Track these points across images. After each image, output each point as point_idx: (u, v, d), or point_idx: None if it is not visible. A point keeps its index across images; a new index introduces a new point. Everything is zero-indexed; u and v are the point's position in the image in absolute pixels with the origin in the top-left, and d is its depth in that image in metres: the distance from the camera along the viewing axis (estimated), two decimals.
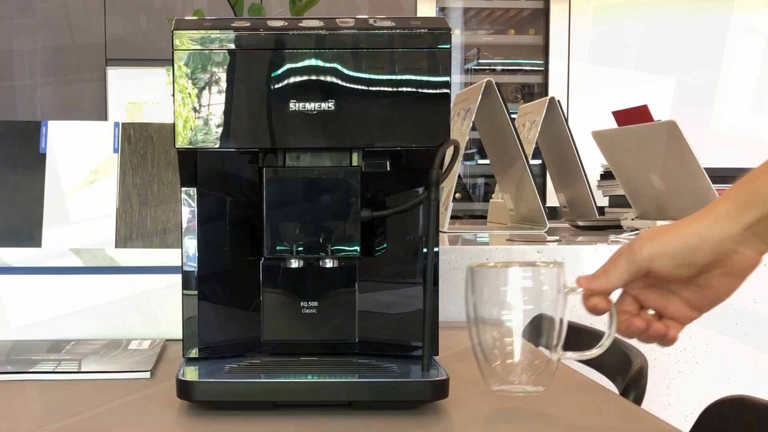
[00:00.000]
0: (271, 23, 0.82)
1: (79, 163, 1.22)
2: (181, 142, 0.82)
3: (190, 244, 0.89)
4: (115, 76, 3.56)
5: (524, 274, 0.79)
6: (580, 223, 2.21)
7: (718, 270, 0.74)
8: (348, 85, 0.81)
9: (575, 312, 0.81)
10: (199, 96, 0.81)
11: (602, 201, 2.61)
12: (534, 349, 0.79)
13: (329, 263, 0.86)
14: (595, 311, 0.77)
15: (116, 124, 1.24)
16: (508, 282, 0.79)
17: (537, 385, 0.80)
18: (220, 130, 0.82)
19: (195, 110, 0.81)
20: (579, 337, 0.84)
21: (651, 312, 0.78)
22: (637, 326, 0.76)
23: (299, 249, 0.84)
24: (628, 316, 0.77)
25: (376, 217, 0.85)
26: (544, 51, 3.95)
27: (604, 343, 0.79)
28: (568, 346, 1.18)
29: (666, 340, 0.77)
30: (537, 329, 0.79)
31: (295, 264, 0.86)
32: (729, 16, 3.90)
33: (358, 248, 0.84)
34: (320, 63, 0.81)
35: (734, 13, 3.90)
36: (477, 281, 0.80)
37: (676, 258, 0.73)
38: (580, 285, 0.77)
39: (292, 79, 0.81)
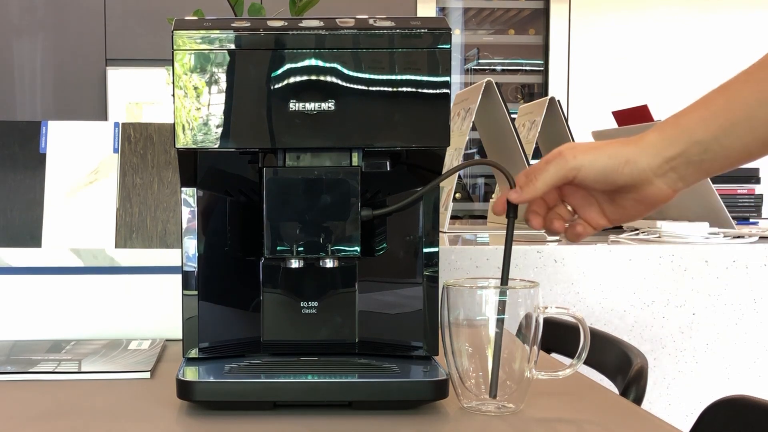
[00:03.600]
0: (271, 23, 0.82)
1: (79, 163, 1.22)
2: (181, 142, 0.82)
3: (190, 244, 0.89)
4: (115, 76, 3.56)
5: (499, 294, 0.79)
6: None
7: (632, 194, 0.80)
8: (348, 85, 0.81)
9: (574, 310, 0.82)
10: (198, 96, 0.81)
11: None
12: (508, 368, 0.79)
13: (329, 263, 0.86)
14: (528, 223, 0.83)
15: (116, 124, 1.24)
16: (482, 301, 0.80)
17: (510, 403, 0.80)
18: (220, 130, 0.82)
19: (195, 110, 0.81)
20: (571, 335, 0.84)
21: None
22: (556, 228, 0.82)
23: (299, 249, 0.84)
24: (550, 213, 0.83)
25: (376, 216, 0.85)
26: (544, 51, 3.95)
27: (575, 364, 0.82)
28: (558, 344, 1.19)
29: (575, 236, 0.83)
30: (511, 348, 0.80)
31: (295, 264, 0.86)
32: (729, 15, 3.90)
33: (358, 248, 0.84)
34: (320, 63, 0.81)
35: (735, 13, 3.90)
36: (452, 299, 0.80)
37: (600, 173, 0.79)
38: (511, 200, 0.81)
39: (292, 79, 0.81)
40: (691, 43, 3.90)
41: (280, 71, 0.81)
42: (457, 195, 3.93)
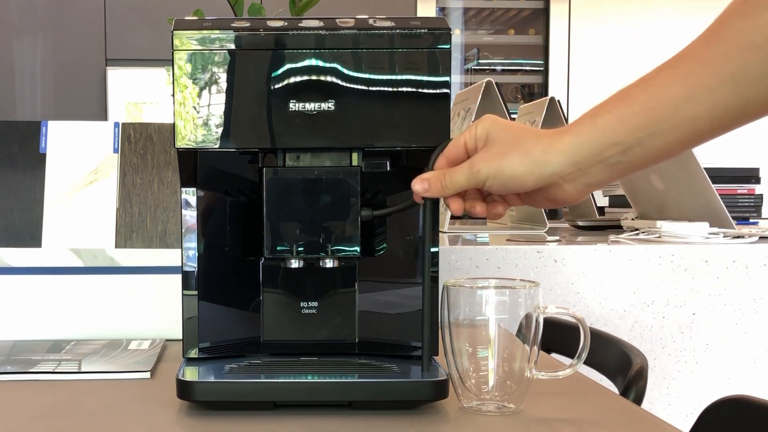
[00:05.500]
0: (271, 23, 0.82)
1: (79, 163, 1.22)
2: (181, 142, 0.82)
3: (190, 244, 0.89)
4: (115, 76, 3.56)
5: (499, 294, 0.79)
6: (580, 223, 2.21)
7: (539, 194, 0.77)
8: (348, 85, 0.81)
9: (573, 310, 0.82)
10: (199, 96, 0.81)
11: (602, 201, 2.61)
12: (508, 368, 0.80)
13: (329, 263, 0.86)
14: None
15: (116, 124, 1.24)
16: (482, 301, 0.80)
17: (510, 403, 0.80)
18: (220, 130, 0.82)
19: (195, 110, 0.81)
20: (571, 335, 0.84)
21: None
22: (478, 212, 0.81)
23: (299, 249, 0.84)
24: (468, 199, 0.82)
25: (376, 216, 0.85)
26: (544, 51, 3.95)
27: (575, 364, 0.82)
28: (558, 344, 1.19)
29: (497, 216, 0.82)
30: (511, 348, 0.80)
31: (295, 264, 0.86)
32: None
33: (358, 248, 0.84)
34: (320, 63, 0.81)
35: None
36: (452, 299, 0.80)
37: (503, 185, 0.77)
38: (414, 188, 0.80)
39: (292, 79, 0.81)
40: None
41: (280, 71, 0.81)
42: None
